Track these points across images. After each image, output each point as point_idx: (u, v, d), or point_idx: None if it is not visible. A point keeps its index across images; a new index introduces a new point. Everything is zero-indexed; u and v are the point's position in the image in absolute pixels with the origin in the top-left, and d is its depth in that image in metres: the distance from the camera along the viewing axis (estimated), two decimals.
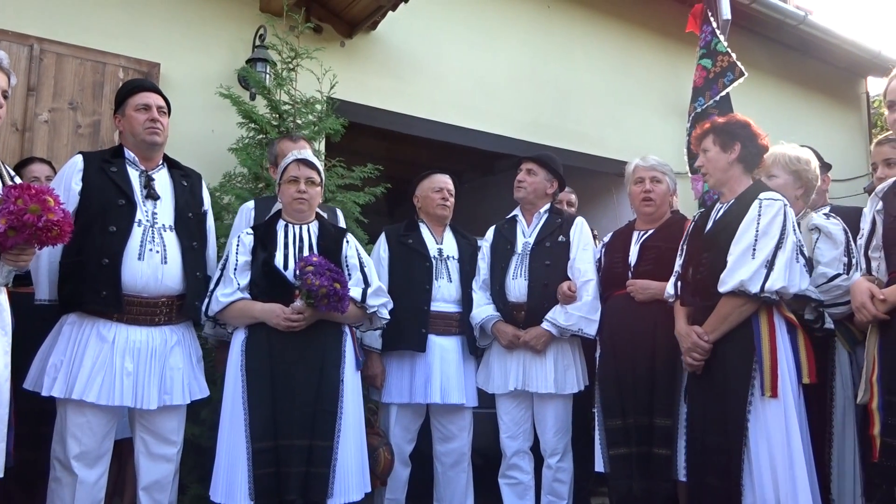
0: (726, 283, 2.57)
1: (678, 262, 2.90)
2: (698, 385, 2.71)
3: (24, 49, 3.79)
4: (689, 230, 2.92)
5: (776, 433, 2.47)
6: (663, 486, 2.88)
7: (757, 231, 2.57)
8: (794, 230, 2.61)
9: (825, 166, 3.49)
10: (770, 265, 2.52)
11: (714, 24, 5.36)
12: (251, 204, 3.35)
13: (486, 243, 3.60)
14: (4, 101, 2.37)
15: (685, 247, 2.89)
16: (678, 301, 2.85)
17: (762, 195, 2.64)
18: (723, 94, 5.19)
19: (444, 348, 3.42)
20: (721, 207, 2.80)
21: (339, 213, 3.55)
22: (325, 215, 3.13)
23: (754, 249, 2.55)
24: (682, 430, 2.85)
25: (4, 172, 2.43)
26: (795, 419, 2.49)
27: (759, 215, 2.59)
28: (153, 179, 2.78)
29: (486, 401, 3.55)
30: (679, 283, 2.86)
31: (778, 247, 2.54)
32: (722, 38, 5.34)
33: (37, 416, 2.80)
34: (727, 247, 2.62)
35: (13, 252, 2.25)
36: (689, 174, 5.09)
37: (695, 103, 5.39)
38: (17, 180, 2.44)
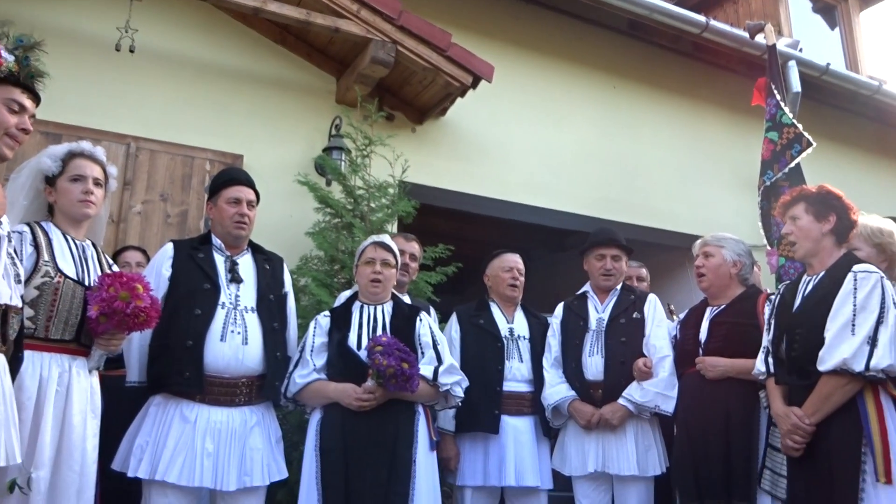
0: (826, 361, 2.43)
1: (766, 337, 2.79)
2: (800, 470, 2.54)
3: (122, 147, 4.11)
4: (776, 303, 2.81)
5: None
6: None
7: (855, 305, 2.44)
8: (895, 303, 2.46)
9: None
10: (873, 341, 2.38)
11: (778, 97, 5.31)
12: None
13: (555, 320, 3.58)
14: (98, 188, 2.56)
15: (773, 321, 2.78)
16: (772, 379, 2.72)
17: (856, 267, 2.53)
18: (791, 165, 5.08)
19: (517, 429, 3.37)
20: (809, 280, 2.69)
21: (433, 311, 3.60)
22: (399, 296, 3.19)
23: (853, 325, 2.42)
24: None
25: (104, 261, 2.61)
26: None
27: (856, 289, 2.47)
28: (237, 264, 2.91)
29: (562, 483, 3.44)
30: (769, 360, 2.74)
31: (879, 321, 2.40)
32: (787, 109, 5.28)
33: (123, 497, 2.87)
34: (822, 322, 2.50)
35: (105, 337, 2.38)
36: (767, 246, 4.96)
37: (763, 177, 5.28)
38: (115, 268, 2.61)
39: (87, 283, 2.42)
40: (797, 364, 2.58)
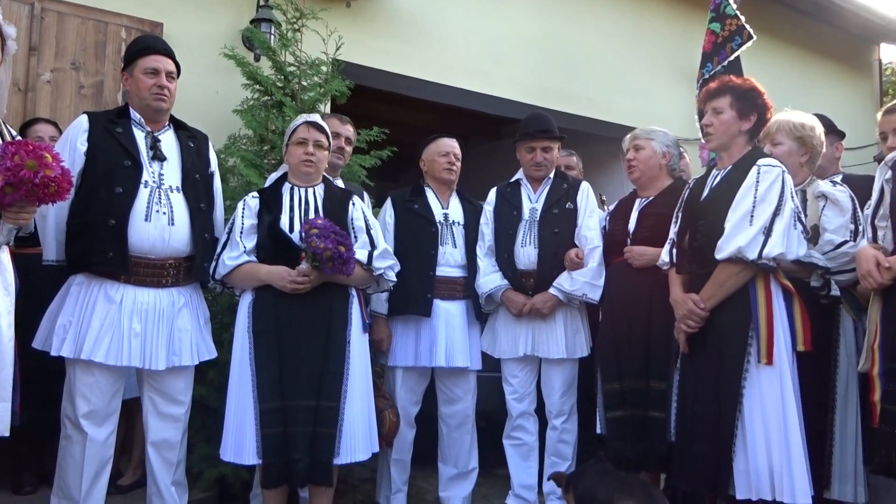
0: (723, 249, 2.55)
1: (673, 229, 2.89)
2: (691, 353, 2.70)
3: (25, 8, 3.73)
4: (685, 197, 2.89)
5: (771, 400, 2.47)
6: (657, 448, 2.90)
7: (755, 197, 2.54)
8: (793, 197, 2.59)
9: (839, 135, 3.45)
10: (768, 232, 2.50)
11: None
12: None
13: (488, 207, 3.58)
14: None
15: (680, 213, 2.87)
16: (673, 268, 2.84)
17: (760, 161, 2.62)
18: (731, 58, 5.10)
19: (449, 313, 3.43)
20: (718, 174, 2.77)
21: (366, 196, 3.52)
22: (331, 179, 3.11)
23: (752, 216, 2.53)
24: (673, 394, 2.86)
25: (5, 131, 2.41)
26: (791, 386, 2.50)
27: (758, 182, 2.56)
28: (159, 140, 2.76)
29: (490, 364, 3.57)
30: (674, 251, 2.85)
31: (776, 213, 2.52)
32: (732, 1, 5.24)
33: (48, 375, 2.83)
34: (725, 214, 2.60)
35: (13, 210, 2.24)
36: (702, 140, 5.04)
37: (703, 69, 5.32)
38: (18, 138, 2.42)
39: None
40: (699, 253, 2.69)
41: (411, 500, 3.56)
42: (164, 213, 2.67)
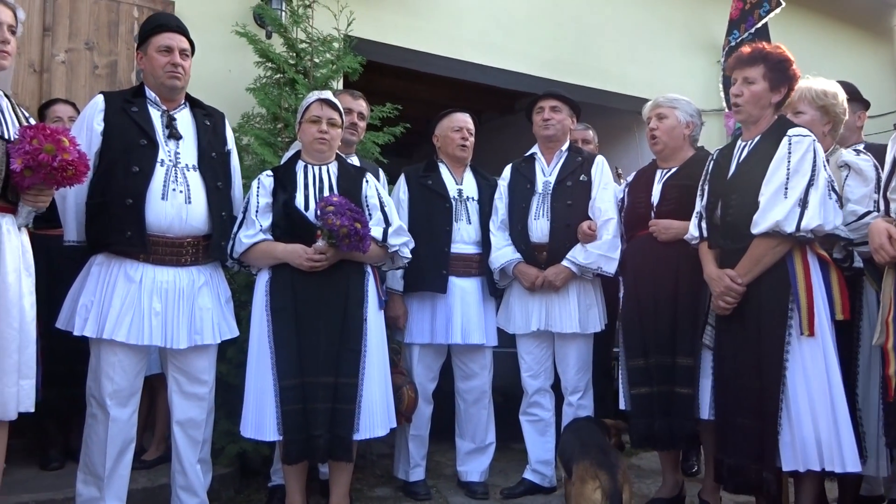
0: (760, 224, 2.51)
1: (699, 202, 2.84)
2: (729, 328, 2.67)
3: None
4: (710, 169, 2.84)
5: (814, 372, 2.46)
6: (685, 424, 2.90)
7: (788, 169, 2.50)
8: (825, 166, 2.54)
9: (863, 103, 3.38)
10: (804, 203, 2.46)
11: None
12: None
13: (503, 182, 3.56)
14: (12, 36, 2.34)
15: (706, 187, 2.82)
16: (704, 243, 2.79)
17: (791, 132, 2.56)
18: (759, 25, 5.01)
19: (464, 290, 3.43)
20: (744, 146, 2.72)
21: (382, 173, 3.51)
22: (344, 157, 3.10)
23: (786, 188, 2.49)
24: (706, 369, 2.83)
25: (20, 113, 2.42)
26: (833, 356, 2.48)
27: (790, 153, 2.51)
28: (175, 119, 2.75)
29: (506, 340, 3.57)
30: (703, 225, 2.80)
31: (810, 184, 2.48)
32: None
33: (72, 353, 2.87)
34: (757, 187, 2.55)
35: (31, 192, 2.26)
36: (726, 110, 4.96)
37: (730, 36, 5.23)
38: (32, 120, 2.44)
39: (5, 136, 2.25)
40: (732, 228, 2.65)
41: (429, 474, 3.61)
42: (181, 192, 2.68)
